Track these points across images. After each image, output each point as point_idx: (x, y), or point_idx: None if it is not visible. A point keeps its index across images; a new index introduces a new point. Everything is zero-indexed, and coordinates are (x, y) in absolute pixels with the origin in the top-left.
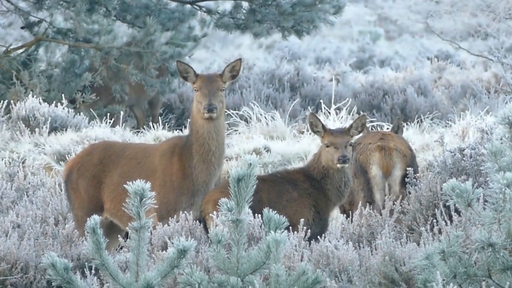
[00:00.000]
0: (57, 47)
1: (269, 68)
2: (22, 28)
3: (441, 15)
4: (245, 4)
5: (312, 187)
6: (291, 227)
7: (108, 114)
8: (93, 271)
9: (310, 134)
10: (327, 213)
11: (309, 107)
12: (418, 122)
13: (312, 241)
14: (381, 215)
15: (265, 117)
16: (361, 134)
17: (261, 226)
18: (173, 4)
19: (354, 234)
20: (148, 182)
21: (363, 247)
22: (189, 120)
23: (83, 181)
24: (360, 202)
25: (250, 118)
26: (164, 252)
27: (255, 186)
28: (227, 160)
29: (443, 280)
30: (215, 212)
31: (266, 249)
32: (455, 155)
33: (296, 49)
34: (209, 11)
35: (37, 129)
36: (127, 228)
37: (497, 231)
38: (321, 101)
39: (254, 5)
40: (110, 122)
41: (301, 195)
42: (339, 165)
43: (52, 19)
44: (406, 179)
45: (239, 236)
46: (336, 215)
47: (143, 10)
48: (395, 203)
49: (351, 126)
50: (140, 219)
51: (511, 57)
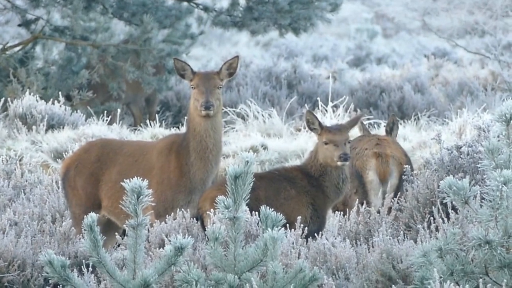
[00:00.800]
0: (54, 44)
1: (266, 66)
2: (19, 25)
3: (438, 12)
4: (242, 2)
5: (310, 184)
6: (288, 225)
7: (105, 112)
8: (90, 268)
9: (307, 131)
10: (324, 210)
11: (306, 104)
12: (415, 119)
13: (309, 239)
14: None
15: (262, 115)
16: (358, 134)
17: (258, 224)
18: (170, 2)
19: (351, 231)
20: (146, 179)
21: (360, 244)
22: (186, 118)
23: (80, 178)
24: (353, 204)
25: (247, 115)
26: (161, 249)
27: (252, 184)
28: (224, 157)
29: (440, 278)
30: (212, 210)
31: (263, 246)
32: (452, 152)
33: (293, 46)
34: (206, 9)
35: (34, 127)
36: (124, 225)
37: (494, 229)
38: (318, 98)
39: (251, 2)
40: (107, 120)
41: (299, 192)
42: (339, 163)
43: (49, 16)
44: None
45: (236, 233)
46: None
47: (140, 8)
48: (393, 200)
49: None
50: (137, 217)
51: (508, 55)
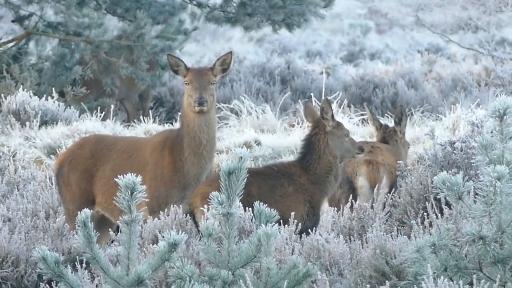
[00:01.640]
0: (47, 40)
1: (259, 62)
2: (13, 21)
3: (431, 8)
4: None
5: (309, 181)
6: (282, 222)
7: (99, 108)
8: (84, 264)
9: (300, 127)
10: (320, 207)
11: (299, 100)
12: (408, 115)
13: (303, 235)
14: None
15: (255, 110)
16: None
17: (252, 220)
18: None
19: (345, 227)
20: (139, 175)
21: (354, 240)
22: (180, 114)
23: (74, 174)
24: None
25: (241, 111)
26: (155, 245)
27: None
28: (217, 153)
29: (434, 273)
30: (203, 206)
31: (257, 242)
32: (445, 148)
33: (287, 42)
34: (199, 5)
35: (27, 123)
36: (118, 221)
37: (487, 224)
38: (311, 94)
39: None
40: (100, 116)
41: (297, 190)
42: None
43: (43, 12)
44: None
45: (229, 229)
46: (327, 209)
47: (133, 4)
48: (386, 196)
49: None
50: (131, 213)
51: (502, 50)
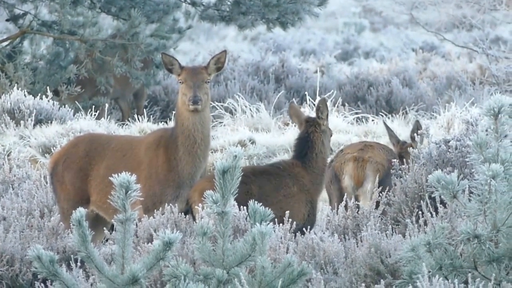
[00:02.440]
0: (42, 39)
1: (254, 60)
2: (7, 20)
3: (425, 6)
4: None
5: (311, 182)
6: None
7: (93, 107)
8: (78, 263)
9: (295, 126)
10: (317, 207)
11: (293, 99)
12: (403, 113)
13: (297, 233)
14: None
15: (250, 109)
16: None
17: (246, 219)
18: None
19: (340, 226)
20: (134, 174)
21: (349, 239)
22: (174, 113)
23: (69, 173)
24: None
25: (235, 110)
26: (149, 244)
27: (245, 178)
28: (212, 152)
29: (429, 272)
30: (201, 201)
31: (252, 241)
32: (440, 146)
33: (281, 41)
34: (193, 3)
35: (22, 122)
36: (112, 220)
37: (482, 223)
38: (306, 93)
39: None
40: (95, 115)
41: (301, 190)
42: None
43: (37, 11)
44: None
45: (224, 228)
46: (322, 207)
47: (127, 2)
48: (381, 194)
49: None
50: (126, 212)
51: (496, 49)
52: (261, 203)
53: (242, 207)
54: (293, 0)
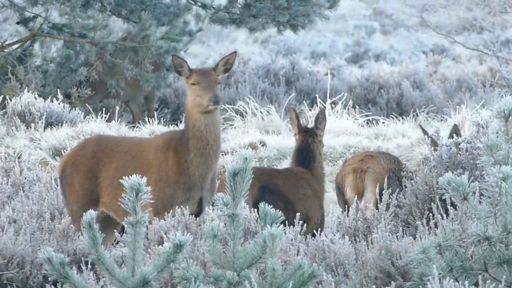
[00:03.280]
0: (52, 42)
1: (264, 63)
2: (18, 23)
3: (436, 9)
4: None
5: (320, 188)
6: (306, 220)
7: (104, 109)
8: (89, 266)
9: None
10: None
11: (304, 101)
12: (413, 116)
13: (308, 236)
14: None
15: (260, 112)
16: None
17: (257, 221)
18: None
19: (350, 228)
20: (143, 176)
21: (359, 241)
22: (184, 115)
23: (77, 175)
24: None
25: (246, 112)
26: (160, 247)
27: (271, 174)
28: (222, 154)
29: (440, 274)
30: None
31: (262, 243)
32: (451, 149)
33: (292, 43)
34: (204, 6)
35: (32, 124)
36: (123, 222)
37: (493, 225)
38: (316, 95)
39: None
40: (105, 117)
41: (314, 194)
42: None
43: (48, 14)
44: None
45: (235, 230)
46: (332, 210)
47: (138, 5)
48: (391, 197)
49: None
50: (136, 214)
51: (506, 51)
52: (286, 198)
53: (253, 210)
54: (303, 3)
